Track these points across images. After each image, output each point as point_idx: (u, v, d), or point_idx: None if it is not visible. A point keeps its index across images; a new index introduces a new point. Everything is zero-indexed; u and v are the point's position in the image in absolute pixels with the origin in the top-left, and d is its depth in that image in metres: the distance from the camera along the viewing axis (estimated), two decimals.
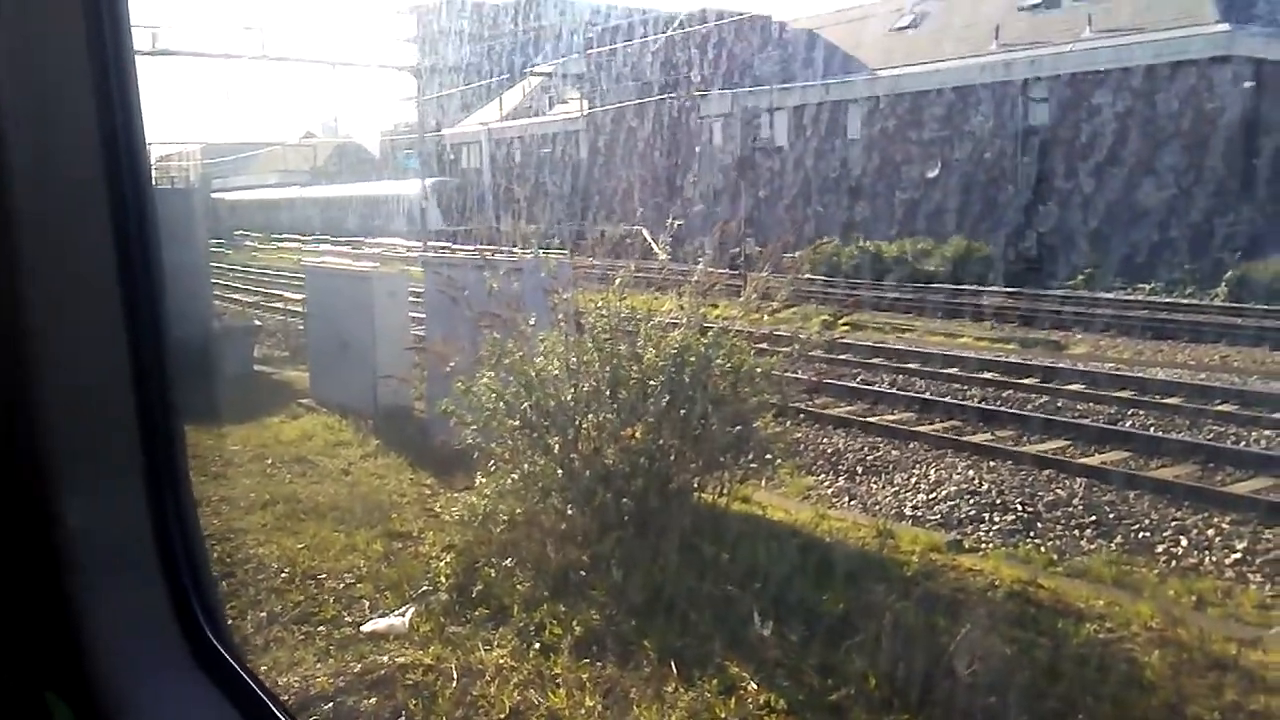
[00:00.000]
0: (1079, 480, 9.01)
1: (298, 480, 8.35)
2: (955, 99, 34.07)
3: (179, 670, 1.68)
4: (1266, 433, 10.72)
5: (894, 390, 13.29)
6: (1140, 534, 7.87)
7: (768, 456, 6.82)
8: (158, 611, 1.69)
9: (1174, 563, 7.35)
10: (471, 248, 24.51)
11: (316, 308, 12.47)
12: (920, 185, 33.81)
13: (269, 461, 8.95)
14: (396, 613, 5.50)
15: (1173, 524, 7.99)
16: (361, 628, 5.37)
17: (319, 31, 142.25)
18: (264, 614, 5.55)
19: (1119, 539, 7.80)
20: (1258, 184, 27.57)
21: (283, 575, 6.13)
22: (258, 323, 17.68)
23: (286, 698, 4.54)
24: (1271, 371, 14.62)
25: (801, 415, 11.04)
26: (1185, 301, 22.91)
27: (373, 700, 4.46)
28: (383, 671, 4.70)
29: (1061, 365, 14.81)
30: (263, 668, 4.79)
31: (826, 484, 9.46)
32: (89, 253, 1.56)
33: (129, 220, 1.57)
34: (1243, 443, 10.42)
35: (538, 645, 5.00)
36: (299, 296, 16.99)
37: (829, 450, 10.46)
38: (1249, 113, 27.71)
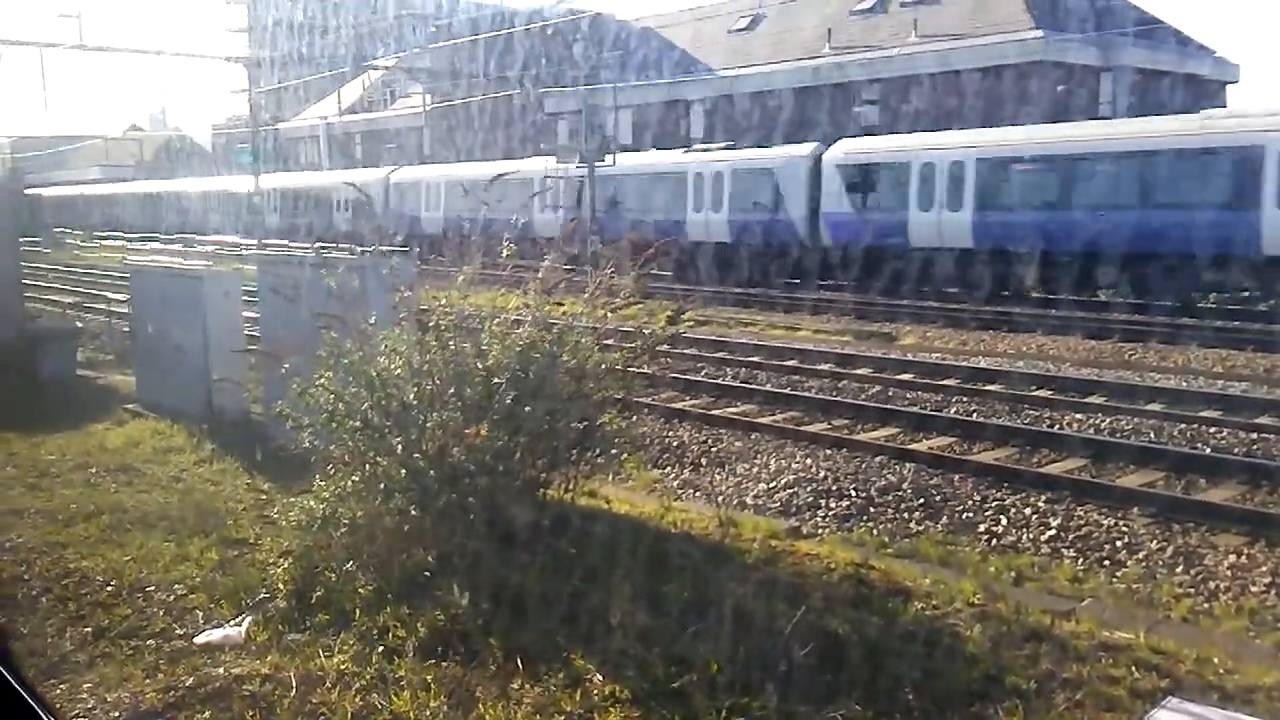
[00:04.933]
0: (908, 465, 9.44)
1: (124, 490, 7.98)
2: (792, 100, 35.04)
3: None
4: (1077, 416, 11.47)
5: (737, 383, 13.62)
6: (964, 515, 8.31)
7: (613, 451, 6.90)
8: None
9: (995, 541, 7.80)
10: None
11: (144, 309, 11.93)
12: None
13: (92, 470, 8.51)
14: (232, 623, 5.33)
15: (994, 504, 8.47)
16: (195, 640, 5.18)
17: (144, 20, 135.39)
18: (88, 630, 5.29)
19: (945, 520, 8.22)
20: None
21: (109, 589, 5.85)
22: (79, 325, 16.75)
23: (116, 715, 4.35)
24: (1082, 359, 15.63)
25: (647, 410, 11.22)
26: (1005, 293, 24.21)
27: (207, 714, 4.31)
28: (217, 684, 4.54)
29: (893, 356, 15.46)
30: (87, 685, 4.58)
31: (672, 476, 9.62)
32: None
33: None
34: (1057, 426, 11.12)
35: (381, 649, 4.93)
36: (125, 297, 16.17)
37: (674, 443, 10.64)
38: (1060, 113, 29.50)
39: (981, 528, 8.05)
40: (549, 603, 5.31)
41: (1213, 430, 10.67)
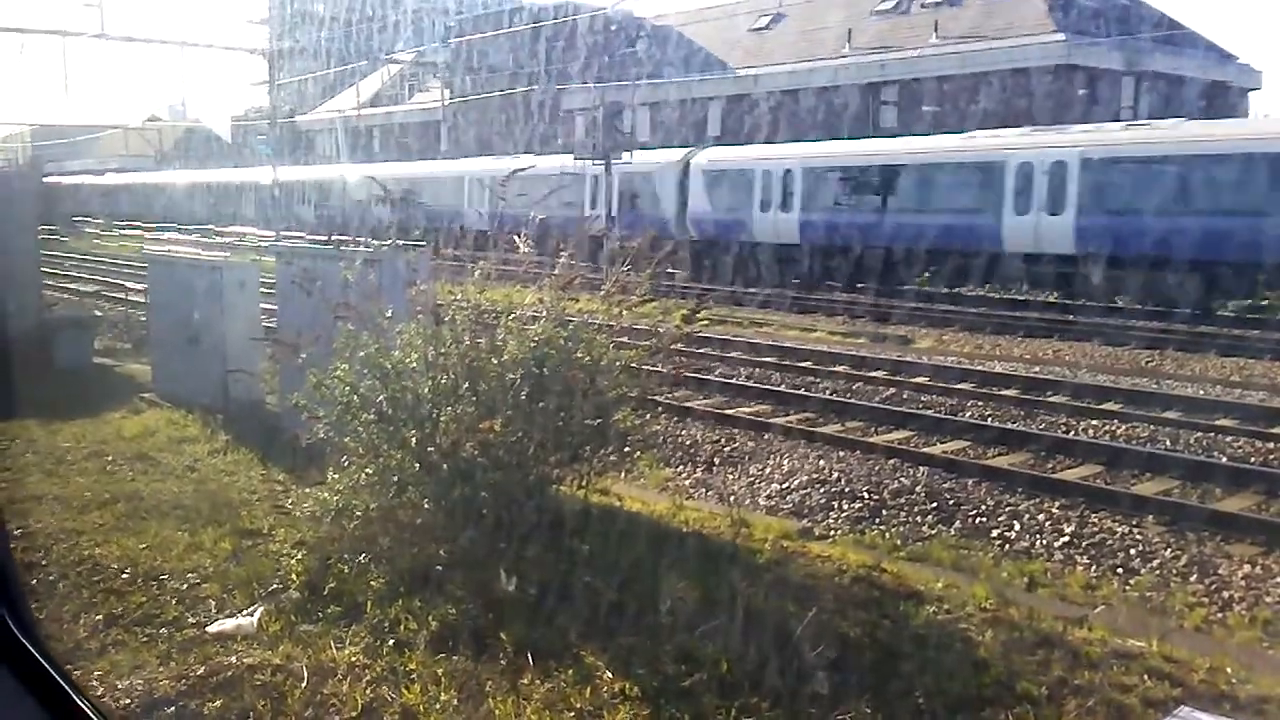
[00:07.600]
0: (922, 468, 9.41)
1: (139, 478, 8.02)
2: (811, 100, 34.96)
3: None
4: (1093, 422, 11.41)
5: (751, 383, 13.60)
6: (977, 519, 8.28)
7: (627, 449, 6.90)
8: None
9: (1008, 546, 7.77)
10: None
11: (161, 298, 11.98)
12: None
13: (108, 459, 8.55)
14: (245, 612, 5.35)
15: (1007, 509, 8.44)
16: (207, 628, 5.20)
17: (164, 11, 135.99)
18: (101, 617, 5.32)
19: (958, 524, 8.19)
20: None
21: (123, 576, 5.88)
22: (97, 314, 16.86)
23: (129, 701, 4.37)
24: (1099, 365, 15.55)
25: (661, 408, 11.21)
26: (1021, 298, 24.14)
27: (218, 703, 4.33)
28: (229, 673, 4.56)
29: (908, 359, 15.41)
30: (98, 671, 4.60)
31: (684, 475, 9.62)
32: None
33: None
34: (1072, 432, 11.06)
35: (392, 641, 4.94)
36: (143, 287, 16.25)
37: (687, 442, 10.63)
38: (1081, 117, 29.34)
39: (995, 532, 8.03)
40: (560, 599, 5.32)
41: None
